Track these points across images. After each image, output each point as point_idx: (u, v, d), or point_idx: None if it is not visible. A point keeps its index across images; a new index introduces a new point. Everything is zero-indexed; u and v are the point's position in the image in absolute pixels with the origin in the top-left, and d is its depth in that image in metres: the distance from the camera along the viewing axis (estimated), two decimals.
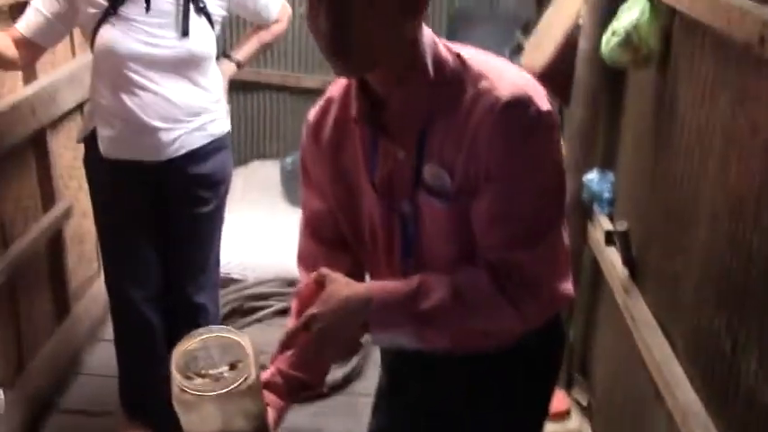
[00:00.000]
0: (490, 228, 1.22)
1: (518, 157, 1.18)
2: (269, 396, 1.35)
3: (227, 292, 3.37)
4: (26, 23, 2.20)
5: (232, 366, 1.24)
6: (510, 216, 1.20)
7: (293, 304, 1.41)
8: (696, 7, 1.69)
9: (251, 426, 1.25)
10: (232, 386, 1.19)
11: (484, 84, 1.20)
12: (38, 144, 2.69)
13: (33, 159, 2.69)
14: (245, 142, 4.65)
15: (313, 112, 1.40)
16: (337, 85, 1.37)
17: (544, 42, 2.71)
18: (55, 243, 2.84)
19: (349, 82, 1.31)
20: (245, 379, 1.20)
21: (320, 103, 1.39)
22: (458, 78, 1.22)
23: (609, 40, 2.06)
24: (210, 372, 1.24)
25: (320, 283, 1.26)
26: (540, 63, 2.65)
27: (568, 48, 2.60)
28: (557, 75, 2.63)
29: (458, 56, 1.25)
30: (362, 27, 1.14)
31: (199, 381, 1.22)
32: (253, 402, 1.24)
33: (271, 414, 1.33)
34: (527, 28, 3.53)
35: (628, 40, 1.99)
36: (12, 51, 2.17)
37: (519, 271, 1.21)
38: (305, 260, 1.48)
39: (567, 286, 1.31)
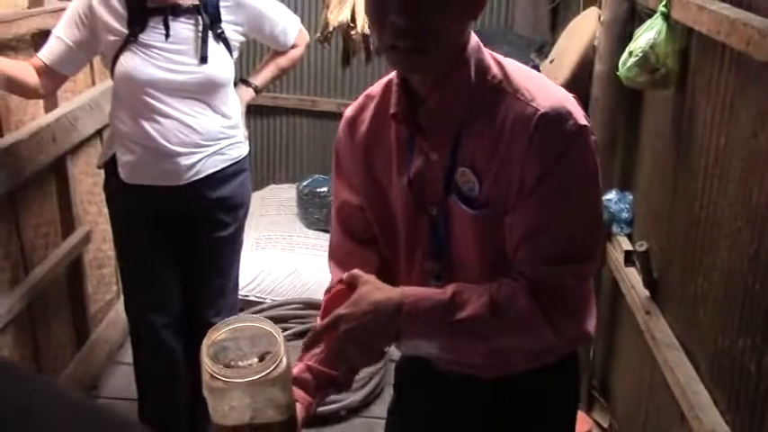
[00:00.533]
0: (527, 242, 1.20)
1: (556, 172, 1.16)
2: (297, 392, 1.32)
3: None
4: (48, 52, 2.22)
5: (261, 358, 1.22)
6: (548, 231, 1.18)
7: (323, 303, 1.37)
8: (714, 28, 1.69)
9: (280, 417, 1.22)
10: (262, 374, 1.17)
11: (523, 93, 1.19)
12: (58, 170, 2.71)
13: (53, 186, 2.71)
14: (261, 166, 4.67)
15: (351, 107, 1.41)
16: (378, 83, 1.38)
17: (560, 64, 2.72)
18: (74, 268, 2.86)
19: (390, 80, 1.32)
20: (275, 367, 1.18)
21: (359, 98, 1.40)
22: (498, 85, 1.21)
23: (626, 61, 2.06)
24: (240, 363, 1.23)
25: (351, 285, 1.23)
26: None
27: (584, 69, 2.61)
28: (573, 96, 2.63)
29: (500, 64, 1.25)
30: (435, 26, 1.15)
31: (228, 371, 1.20)
32: (282, 393, 1.22)
33: (299, 409, 1.30)
34: (542, 50, 3.54)
35: (645, 60, 2.00)
36: (34, 80, 2.20)
37: (557, 286, 1.18)
38: (335, 256, 1.45)
39: (593, 322, 1.30)
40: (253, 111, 4.33)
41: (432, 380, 1.45)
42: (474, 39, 1.24)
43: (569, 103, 1.19)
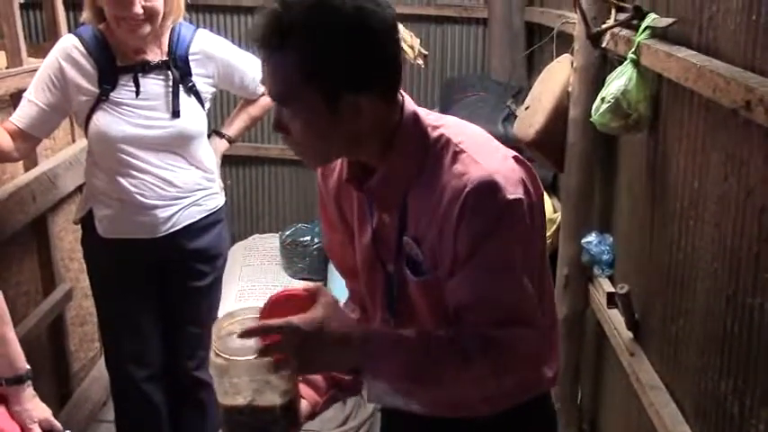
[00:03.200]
0: (466, 311, 1.23)
1: (486, 246, 1.19)
2: (306, 390, 1.38)
3: None
4: (21, 115, 2.23)
5: None
6: (483, 302, 1.21)
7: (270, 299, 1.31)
8: (682, 74, 1.72)
9: (279, 401, 1.28)
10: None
11: (458, 167, 1.22)
12: (38, 228, 2.71)
13: (34, 244, 2.70)
14: (244, 216, 4.68)
15: None
16: None
17: (535, 110, 2.76)
18: (56, 326, 2.84)
19: None
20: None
21: None
22: (438, 156, 1.25)
23: (599, 107, 2.09)
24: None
25: (312, 295, 1.22)
26: (532, 131, 2.69)
27: (559, 115, 2.64)
28: (549, 142, 2.67)
29: (441, 134, 1.28)
30: (298, 136, 1.22)
31: (231, 349, 1.27)
32: (280, 378, 1.27)
33: (305, 406, 1.36)
34: (518, 96, 3.59)
35: (617, 107, 2.03)
36: (8, 145, 2.19)
37: (501, 345, 1.20)
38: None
39: (549, 371, 1.33)
40: (234, 161, 4.35)
41: (404, 420, 1.44)
42: (410, 113, 1.28)
43: (502, 174, 1.20)
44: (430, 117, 1.31)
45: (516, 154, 1.28)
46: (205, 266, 2.46)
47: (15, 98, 2.46)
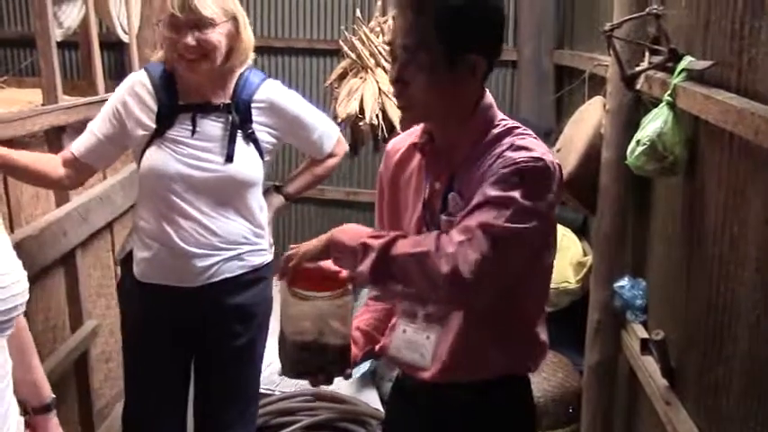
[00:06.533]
0: (473, 210, 1.44)
1: (514, 189, 1.43)
2: None
3: None
4: (78, 144, 2.24)
5: None
6: (488, 201, 1.43)
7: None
8: (722, 117, 1.70)
9: (341, 342, 1.54)
10: (329, 293, 1.51)
11: (520, 142, 1.49)
12: (67, 264, 2.71)
13: (63, 279, 2.70)
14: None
15: (394, 139, 1.77)
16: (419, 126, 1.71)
17: (568, 152, 2.74)
18: (82, 363, 2.82)
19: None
20: (343, 296, 1.52)
21: (403, 134, 1.75)
22: (498, 135, 1.53)
23: (634, 150, 2.07)
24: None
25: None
26: (564, 173, 2.67)
27: (592, 157, 2.62)
28: (581, 184, 2.65)
29: (507, 123, 1.56)
30: (417, 87, 1.48)
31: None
32: (342, 323, 1.53)
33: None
34: (548, 138, 3.57)
35: (653, 149, 2.00)
36: (57, 171, 2.20)
37: (468, 224, 1.42)
38: None
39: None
40: None
41: (402, 394, 1.79)
42: (489, 103, 1.57)
43: (555, 164, 1.51)
44: (502, 114, 1.59)
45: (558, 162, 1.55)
46: (239, 325, 2.32)
47: (50, 134, 2.49)
